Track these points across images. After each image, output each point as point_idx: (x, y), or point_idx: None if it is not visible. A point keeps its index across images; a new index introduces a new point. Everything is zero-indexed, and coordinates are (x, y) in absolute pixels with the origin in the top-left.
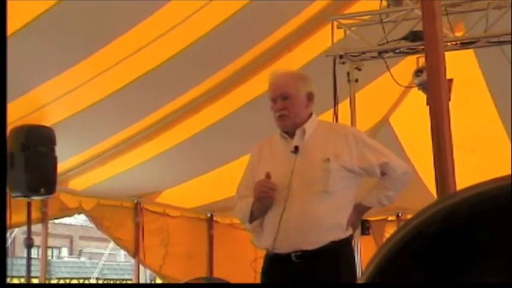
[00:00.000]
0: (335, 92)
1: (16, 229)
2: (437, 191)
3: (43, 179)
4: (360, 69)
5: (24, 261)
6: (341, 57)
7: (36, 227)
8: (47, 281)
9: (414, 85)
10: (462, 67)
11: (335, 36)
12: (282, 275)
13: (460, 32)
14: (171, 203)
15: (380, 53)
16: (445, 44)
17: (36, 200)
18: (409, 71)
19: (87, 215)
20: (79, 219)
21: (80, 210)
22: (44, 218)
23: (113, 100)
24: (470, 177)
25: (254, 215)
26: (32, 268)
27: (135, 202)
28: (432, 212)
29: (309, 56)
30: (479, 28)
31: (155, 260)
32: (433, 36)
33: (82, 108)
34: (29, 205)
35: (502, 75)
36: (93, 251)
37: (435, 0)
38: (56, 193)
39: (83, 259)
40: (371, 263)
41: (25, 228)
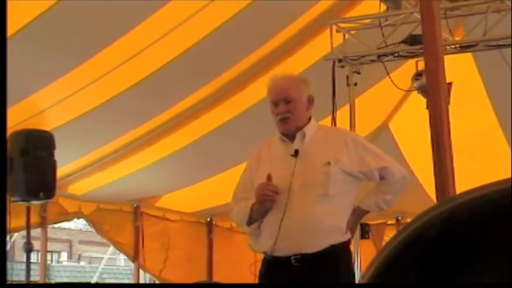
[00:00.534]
0: (334, 96)
1: (15, 234)
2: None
3: (42, 184)
4: (359, 72)
5: (23, 265)
6: (340, 61)
7: (35, 232)
8: None
9: (413, 89)
10: (461, 71)
11: (334, 40)
12: (281, 278)
13: (459, 37)
14: (171, 207)
15: (379, 57)
16: (444, 48)
17: (35, 205)
18: (409, 76)
19: (86, 220)
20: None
21: (80, 214)
22: (43, 223)
23: (113, 105)
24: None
25: (253, 218)
26: (32, 272)
27: (135, 206)
28: (432, 216)
29: (309, 61)
30: (478, 32)
31: (155, 264)
32: (432, 39)
33: (82, 113)
34: (28, 209)
35: (501, 79)
36: (92, 256)
37: (434, 3)
38: (55, 197)
39: (83, 263)
40: (371, 267)
41: (24, 232)
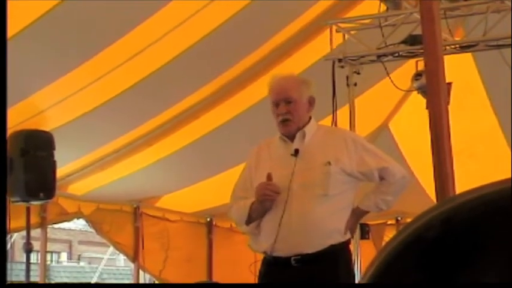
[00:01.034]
0: (334, 96)
1: (15, 234)
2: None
3: (42, 184)
4: (359, 73)
5: (23, 266)
6: (340, 61)
7: (35, 232)
8: None
9: (413, 89)
10: (461, 72)
11: (334, 40)
12: (281, 279)
13: (459, 37)
14: (171, 208)
15: (379, 57)
16: (444, 48)
17: (35, 205)
18: (409, 76)
19: (86, 220)
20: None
21: (79, 214)
22: (43, 223)
23: (113, 105)
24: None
25: (252, 217)
26: (31, 273)
27: (135, 206)
28: (432, 216)
29: (309, 61)
30: (478, 32)
31: (155, 265)
32: (432, 39)
33: (82, 113)
34: (28, 210)
35: (501, 79)
36: (92, 256)
37: (434, 3)
38: (55, 198)
39: (82, 264)
40: (370, 267)
41: (24, 233)
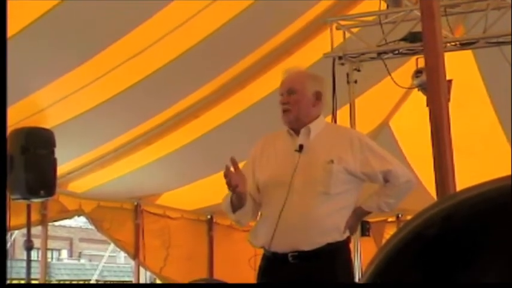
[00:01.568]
0: (334, 93)
1: (16, 231)
2: (437, 193)
3: (43, 181)
4: (359, 70)
5: (24, 263)
6: (340, 58)
7: (36, 229)
8: None
9: (414, 87)
10: (461, 69)
11: (335, 38)
12: (279, 275)
13: (460, 34)
14: (171, 205)
15: (379, 54)
16: (444, 45)
17: (35, 202)
18: (409, 74)
19: (87, 217)
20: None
21: (80, 212)
22: (44, 220)
23: (114, 104)
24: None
25: (234, 204)
26: (32, 270)
27: (135, 204)
28: (432, 213)
29: (310, 59)
30: (478, 29)
31: (155, 262)
32: (432, 36)
33: (82, 111)
34: (29, 207)
35: (501, 77)
36: (93, 253)
37: (434, 1)
38: (56, 195)
39: (83, 261)
40: (371, 264)
41: (25, 230)
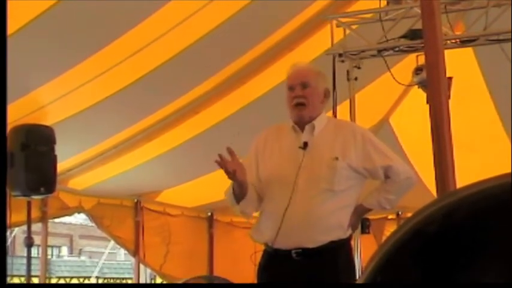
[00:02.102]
0: (334, 90)
1: (16, 228)
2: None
3: (43, 178)
4: (360, 67)
5: (24, 260)
6: (340, 55)
7: (36, 226)
8: (47, 280)
9: (414, 84)
10: (461, 67)
11: (335, 35)
12: (281, 272)
13: (460, 31)
14: (172, 202)
15: (379, 51)
16: (445, 42)
17: (36, 199)
18: (409, 71)
19: (87, 214)
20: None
21: (80, 209)
22: (44, 217)
23: (113, 100)
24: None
25: (237, 194)
26: (32, 267)
27: (135, 201)
28: (432, 210)
29: (310, 56)
30: (478, 26)
31: (156, 259)
32: (433, 34)
33: (83, 108)
34: (29, 204)
35: (502, 74)
36: (93, 250)
37: None
38: (56, 192)
39: (83, 258)
40: (371, 262)
41: (25, 227)
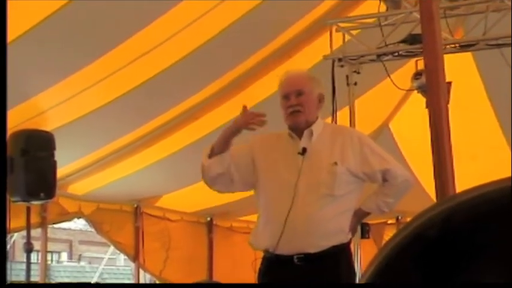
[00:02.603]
0: (333, 95)
1: (15, 234)
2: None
3: (43, 184)
4: (359, 72)
5: (23, 265)
6: (340, 60)
7: (35, 232)
8: None
9: (413, 88)
10: (460, 71)
11: (335, 40)
12: (283, 277)
13: (459, 36)
14: (171, 207)
15: (379, 56)
16: (444, 47)
17: (35, 205)
18: (409, 76)
19: (86, 220)
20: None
21: (80, 214)
22: (44, 223)
23: (113, 106)
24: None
25: (214, 147)
26: (32, 273)
27: (135, 206)
28: (431, 215)
29: (310, 62)
30: (478, 31)
31: (155, 264)
32: (432, 38)
33: (82, 114)
34: (29, 210)
35: (501, 79)
36: (92, 256)
37: (434, 3)
38: (56, 198)
39: (83, 263)
40: (370, 266)
41: (24, 232)
